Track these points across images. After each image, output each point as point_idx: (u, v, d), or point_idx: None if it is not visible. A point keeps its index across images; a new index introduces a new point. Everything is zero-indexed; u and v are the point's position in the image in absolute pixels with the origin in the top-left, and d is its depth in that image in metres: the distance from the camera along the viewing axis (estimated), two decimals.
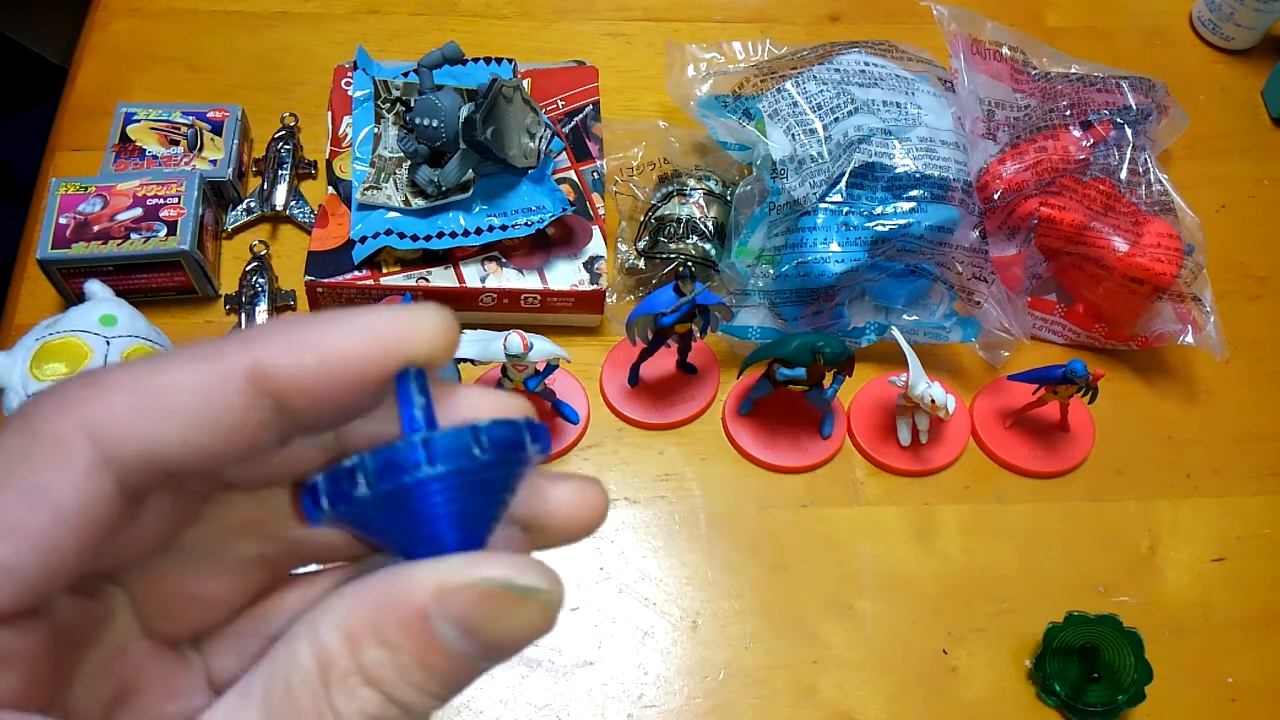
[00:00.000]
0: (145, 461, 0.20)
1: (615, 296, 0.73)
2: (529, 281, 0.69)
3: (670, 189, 0.74)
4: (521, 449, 0.21)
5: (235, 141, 0.75)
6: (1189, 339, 0.71)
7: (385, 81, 0.75)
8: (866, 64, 0.74)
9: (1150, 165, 0.75)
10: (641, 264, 0.73)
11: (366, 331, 0.21)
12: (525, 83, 0.74)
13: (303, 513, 0.21)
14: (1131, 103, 0.76)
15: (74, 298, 0.68)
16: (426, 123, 0.67)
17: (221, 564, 0.24)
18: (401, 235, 0.68)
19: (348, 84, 0.76)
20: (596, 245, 0.71)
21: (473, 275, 0.69)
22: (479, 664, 0.20)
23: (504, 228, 0.69)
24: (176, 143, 0.75)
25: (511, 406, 0.23)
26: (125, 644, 0.23)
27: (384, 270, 0.68)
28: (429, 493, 0.20)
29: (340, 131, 0.74)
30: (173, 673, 0.24)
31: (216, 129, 0.76)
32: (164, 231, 0.68)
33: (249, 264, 0.72)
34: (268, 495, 0.24)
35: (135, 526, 0.22)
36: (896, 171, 0.69)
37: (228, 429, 0.20)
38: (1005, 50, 0.80)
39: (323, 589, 0.25)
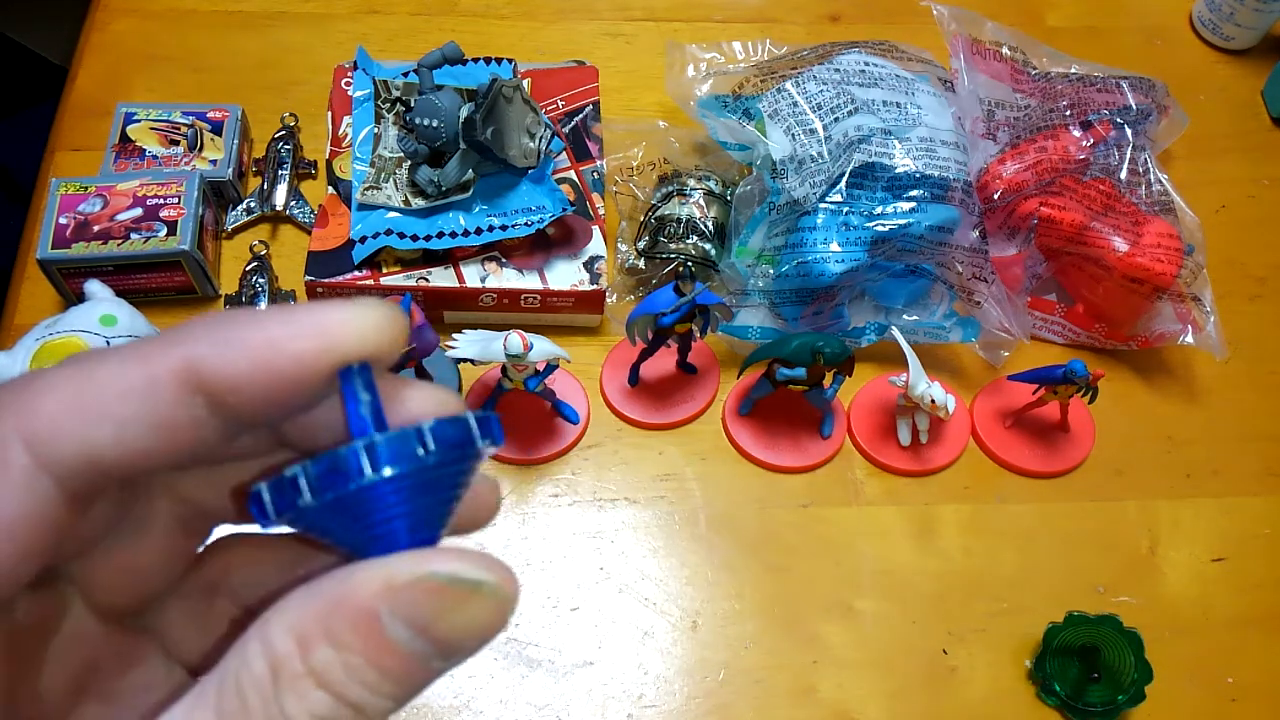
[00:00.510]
0: (83, 464, 0.20)
1: (615, 296, 0.73)
2: (529, 281, 0.69)
3: (670, 189, 0.74)
4: (470, 445, 0.21)
5: (235, 141, 0.75)
6: (1189, 339, 0.71)
7: (385, 81, 0.75)
8: (866, 64, 0.74)
9: (1150, 165, 0.75)
10: (641, 264, 0.73)
11: (303, 328, 0.21)
12: (525, 83, 0.74)
13: (250, 516, 0.21)
14: (1131, 103, 0.76)
15: (74, 298, 0.68)
16: (426, 123, 0.67)
17: (145, 533, 0.24)
18: (401, 235, 0.68)
19: (348, 84, 0.76)
20: (596, 245, 0.71)
21: (473, 275, 0.69)
22: (434, 663, 0.20)
23: (504, 228, 0.69)
24: (176, 143, 0.75)
25: (454, 403, 0.23)
26: (80, 628, 0.23)
27: (384, 270, 0.69)
28: (375, 497, 0.20)
29: (340, 131, 0.74)
30: (128, 647, 0.24)
31: (216, 129, 0.76)
32: (164, 231, 0.68)
33: (249, 264, 0.72)
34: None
35: (87, 521, 0.22)
36: (896, 171, 0.69)
37: (162, 429, 0.20)
38: (1005, 50, 0.80)
39: (257, 543, 0.26)
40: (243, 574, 0.26)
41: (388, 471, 0.20)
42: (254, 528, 0.25)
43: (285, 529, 0.21)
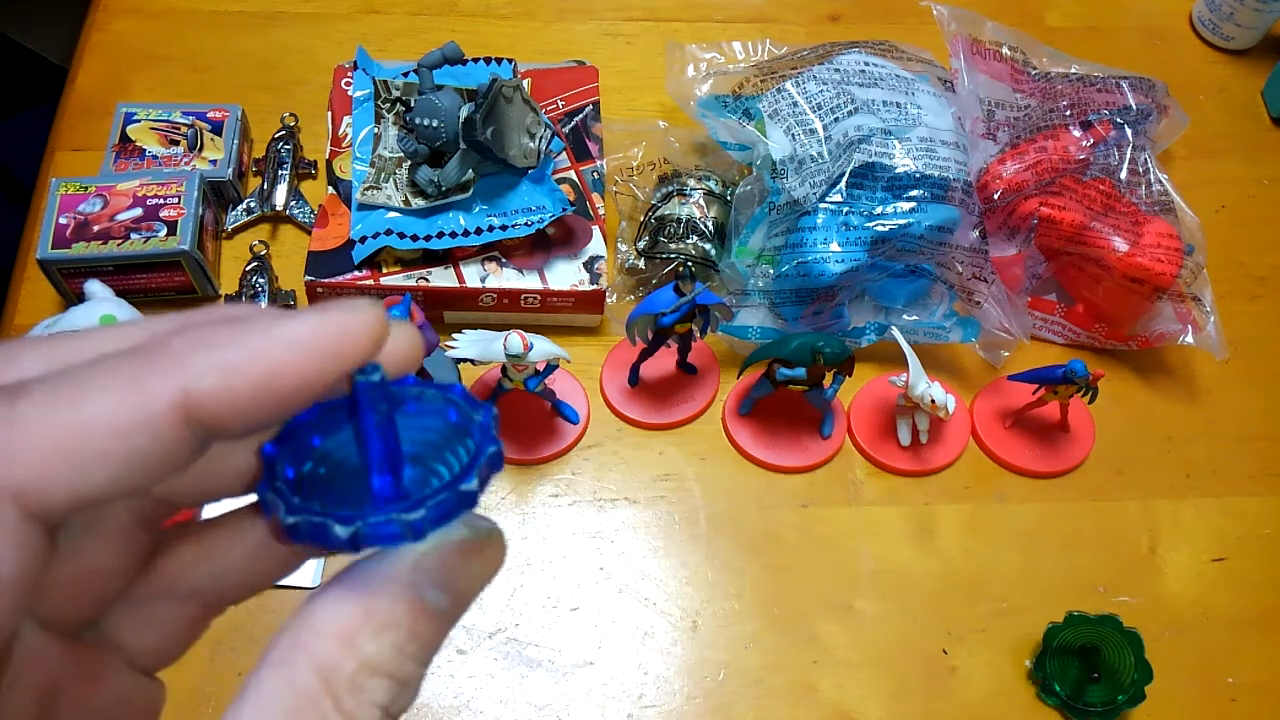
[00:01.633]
0: (75, 506, 0.19)
1: (615, 296, 0.73)
2: (529, 281, 0.69)
3: (670, 189, 0.74)
4: (499, 465, 0.21)
5: (235, 141, 0.75)
6: (1189, 339, 0.71)
7: (385, 81, 0.75)
8: (866, 64, 0.74)
9: (1150, 165, 0.75)
10: (641, 264, 0.73)
11: (301, 344, 0.20)
12: (525, 83, 0.74)
13: (284, 537, 0.21)
14: (1131, 103, 0.76)
15: (74, 298, 0.68)
16: (426, 123, 0.67)
17: (98, 534, 0.23)
18: (401, 235, 0.68)
19: (348, 84, 0.76)
20: (596, 245, 0.71)
21: (473, 275, 0.69)
22: (451, 621, 0.21)
23: (504, 228, 0.69)
24: (176, 143, 0.75)
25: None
26: (34, 648, 0.22)
27: (384, 270, 0.69)
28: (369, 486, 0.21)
29: (340, 131, 0.74)
30: (90, 663, 0.23)
31: (216, 129, 0.76)
32: (164, 231, 0.68)
33: (249, 264, 0.72)
34: None
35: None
36: (896, 171, 0.69)
37: (157, 462, 0.19)
38: (1005, 50, 0.80)
39: (216, 536, 0.25)
40: (205, 569, 0.25)
41: (429, 533, 0.20)
42: (218, 508, 0.24)
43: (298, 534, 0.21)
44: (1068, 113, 0.76)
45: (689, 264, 0.67)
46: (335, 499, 0.21)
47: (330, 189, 0.72)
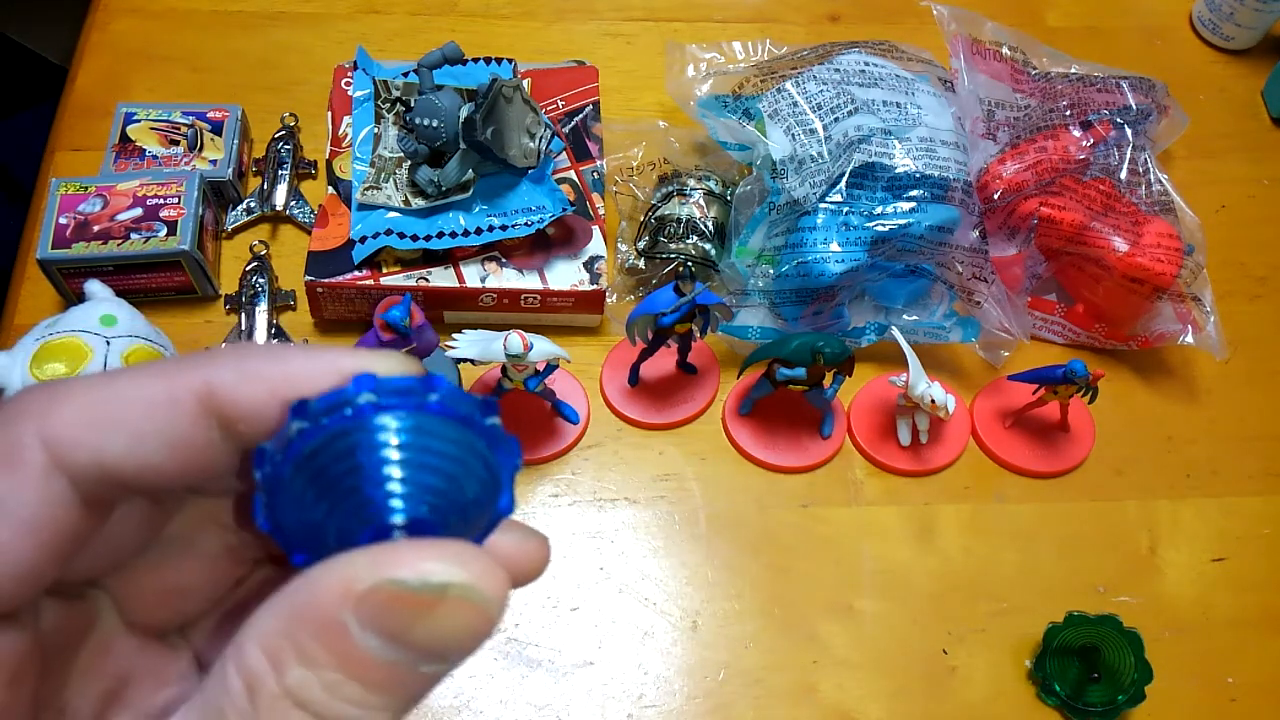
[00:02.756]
0: (97, 471, 0.20)
1: (615, 296, 0.73)
2: (529, 281, 0.69)
3: (670, 189, 0.74)
4: (473, 415, 0.20)
5: (235, 141, 0.75)
6: (1189, 339, 0.71)
7: (385, 81, 0.75)
8: (866, 64, 0.74)
9: (1150, 165, 0.75)
10: (641, 264, 0.73)
11: (322, 367, 0.21)
12: (525, 83, 0.74)
13: (255, 525, 0.20)
14: (1131, 103, 0.76)
15: (74, 298, 0.68)
16: (426, 123, 0.67)
17: (190, 557, 0.24)
18: (401, 235, 0.68)
19: (348, 84, 0.76)
20: (596, 245, 0.71)
21: (473, 275, 0.69)
22: (424, 669, 0.18)
23: (504, 228, 0.69)
24: (176, 143, 0.75)
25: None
26: (112, 641, 0.23)
27: (384, 270, 0.68)
28: (360, 439, 0.19)
29: (340, 131, 0.74)
30: (161, 663, 0.24)
31: (216, 129, 0.76)
32: (164, 231, 0.68)
33: (249, 264, 0.72)
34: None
35: (112, 534, 0.22)
36: (896, 171, 0.69)
37: (175, 446, 0.20)
38: (1005, 50, 0.80)
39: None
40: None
41: (368, 398, 0.19)
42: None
43: (304, 554, 0.20)
44: (1068, 113, 0.76)
45: (689, 264, 0.67)
46: (342, 494, 0.20)
47: (330, 189, 0.72)
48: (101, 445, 0.20)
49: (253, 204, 0.76)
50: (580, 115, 0.77)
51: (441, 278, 0.69)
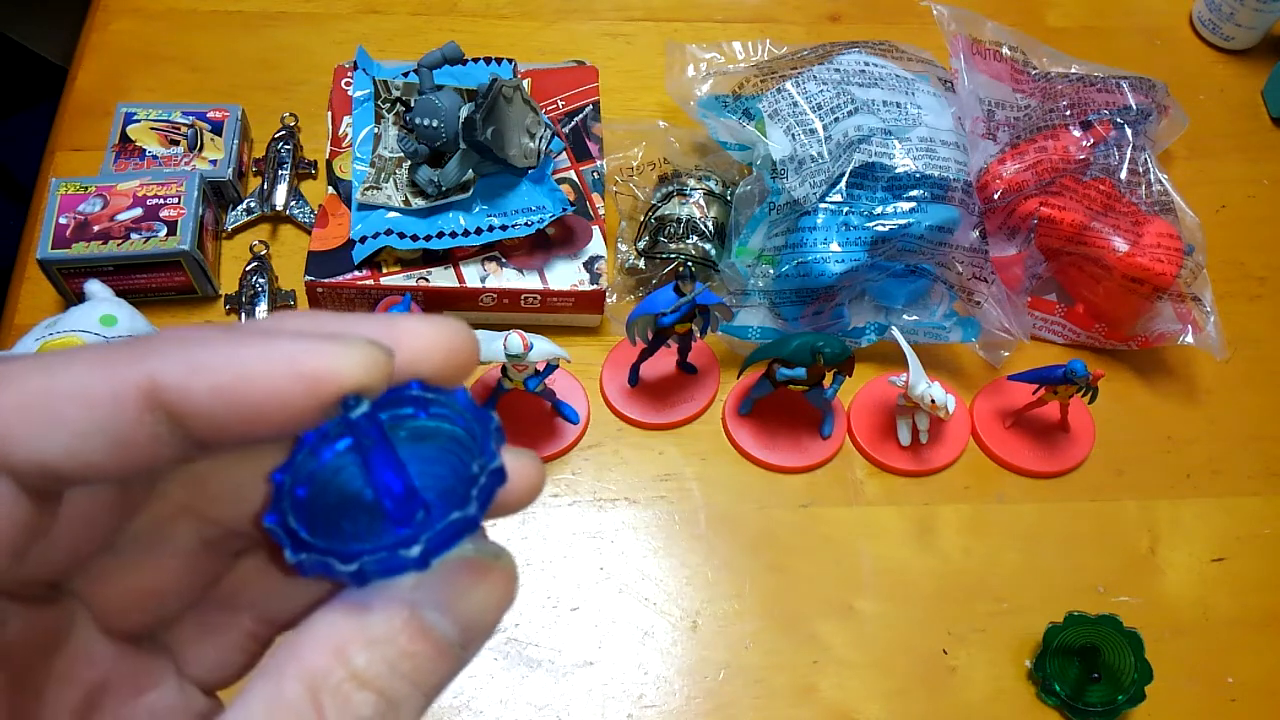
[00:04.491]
0: (34, 468, 0.19)
1: (615, 296, 0.73)
2: (529, 281, 0.69)
3: (670, 189, 0.74)
4: (502, 480, 0.20)
5: (235, 141, 0.75)
6: (1189, 339, 0.71)
7: (385, 81, 0.75)
8: (866, 64, 0.74)
9: (1150, 165, 0.75)
10: (641, 264, 0.73)
11: (278, 363, 0.19)
12: (525, 83, 0.74)
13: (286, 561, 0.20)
14: (1131, 103, 0.76)
15: (74, 298, 0.68)
16: (426, 123, 0.67)
17: (162, 554, 0.23)
18: (401, 235, 0.68)
19: (348, 84, 0.76)
20: (596, 245, 0.71)
21: (473, 275, 0.69)
22: (458, 651, 0.20)
23: (504, 228, 0.69)
24: (176, 143, 0.75)
25: (452, 336, 0.22)
26: (87, 647, 0.22)
27: (384, 270, 0.68)
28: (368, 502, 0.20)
29: (340, 131, 0.74)
30: (139, 668, 0.24)
31: (216, 129, 0.76)
32: (164, 231, 0.68)
33: (249, 264, 0.72)
34: (199, 481, 0.23)
35: (71, 529, 0.21)
36: (896, 171, 0.69)
37: (118, 444, 0.19)
38: (1005, 50, 0.80)
39: (278, 555, 0.24)
40: (264, 589, 0.25)
41: (433, 558, 0.20)
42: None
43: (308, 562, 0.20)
44: (1068, 113, 0.76)
45: (689, 264, 0.67)
46: (350, 521, 0.20)
47: (330, 189, 0.72)
48: (40, 444, 0.19)
49: (253, 204, 0.76)
50: (580, 115, 0.77)
51: (441, 278, 0.69)
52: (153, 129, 0.75)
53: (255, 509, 0.23)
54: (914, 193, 0.69)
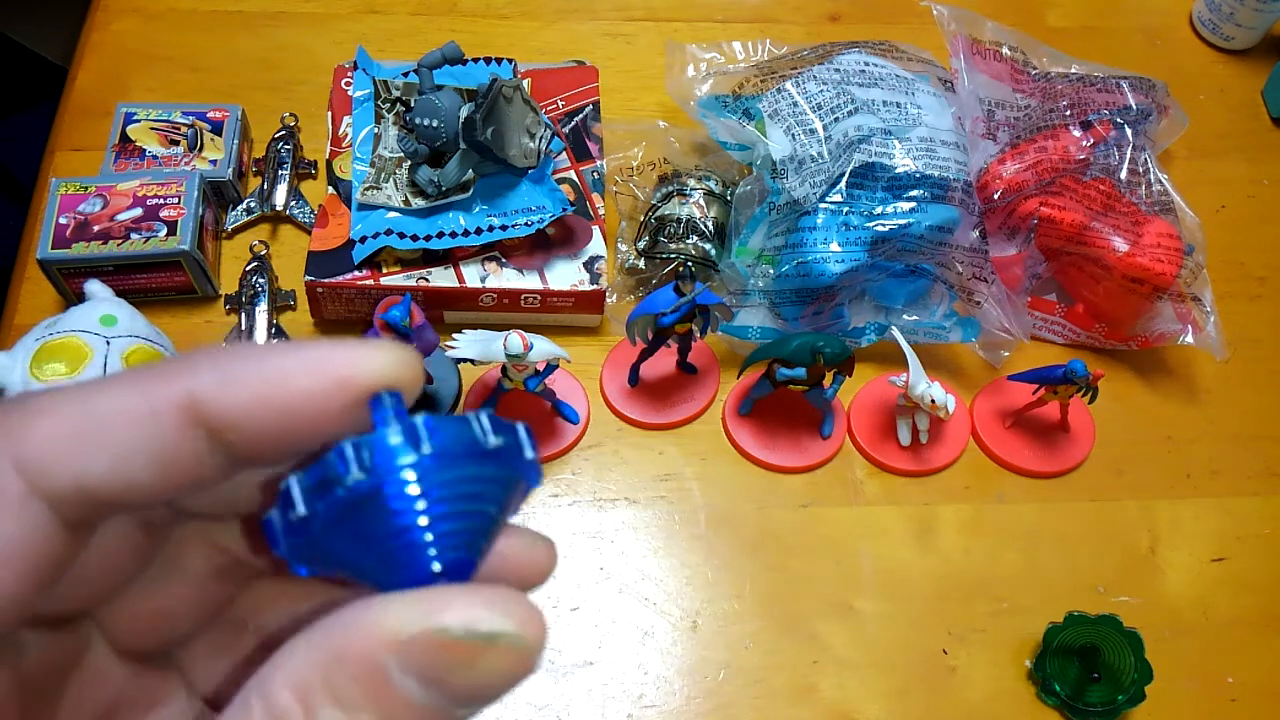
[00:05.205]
0: (77, 492, 0.19)
1: (615, 296, 0.73)
2: (529, 281, 0.69)
3: (670, 189, 0.74)
4: (478, 445, 0.19)
5: (235, 141, 0.75)
6: (1189, 339, 0.71)
7: (385, 81, 0.75)
8: (866, 64, 0.74)
9: (1150, 165, 0.75)
10: (641, 264, 0.73)
11: (311, 365, 0.20)
12: (525, 83, 0.74)
13: (270, 553, 0.20)
14: (1131, 103, 0.76)
15: (74, 298, 0.68)
16: (426, 123, 0.67)
17: (178, 580, 0.23)
18: (401, 235, 0.68)
19: (348, 84, 0.76)
20: (596, 245, 0.71)
21: (473, 275, 0.69)
22: (455, 712, 0.18)
23: (504, 228, 0.69)
24: (176, 143, 0.75)
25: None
26: (101, 668, 0.22)
27: (384, 270, 0.68)
28: (379, 507, 0.18)
29: (340, 131, 0.74)
30: (150, 687, 0.24)
31: (216, 129, 0.76)
32: (164, 231, 0.68)
33: (249, 264, 0.72)
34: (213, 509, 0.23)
35: (103, 563, 0.21)
36: (896, 171, 0.69)
37: (160, 461, 0.19)
38: (1005, 50, 0.80)
39: (290, 580, 0.25)
40: (273, 611, 0.25)
41: (386, 469, 0.18)
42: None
43: (309, 568, 0.20)
44: (1068, 113, 0.76)
45: (689, 264, 0.67)
46: (366, 528, 0.19)
47: (330, 189, 0.72)
48: (82, 466, 0.19)
49: (253, 204, 0.76)
50: (580, 115, 0.77)
51: (441, 278, 0.69)
52: (153, 129, 0.75)
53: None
54: (914, 193, 0.69)
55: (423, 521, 0.18)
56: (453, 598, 0.18)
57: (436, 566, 0.19)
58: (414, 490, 0.18)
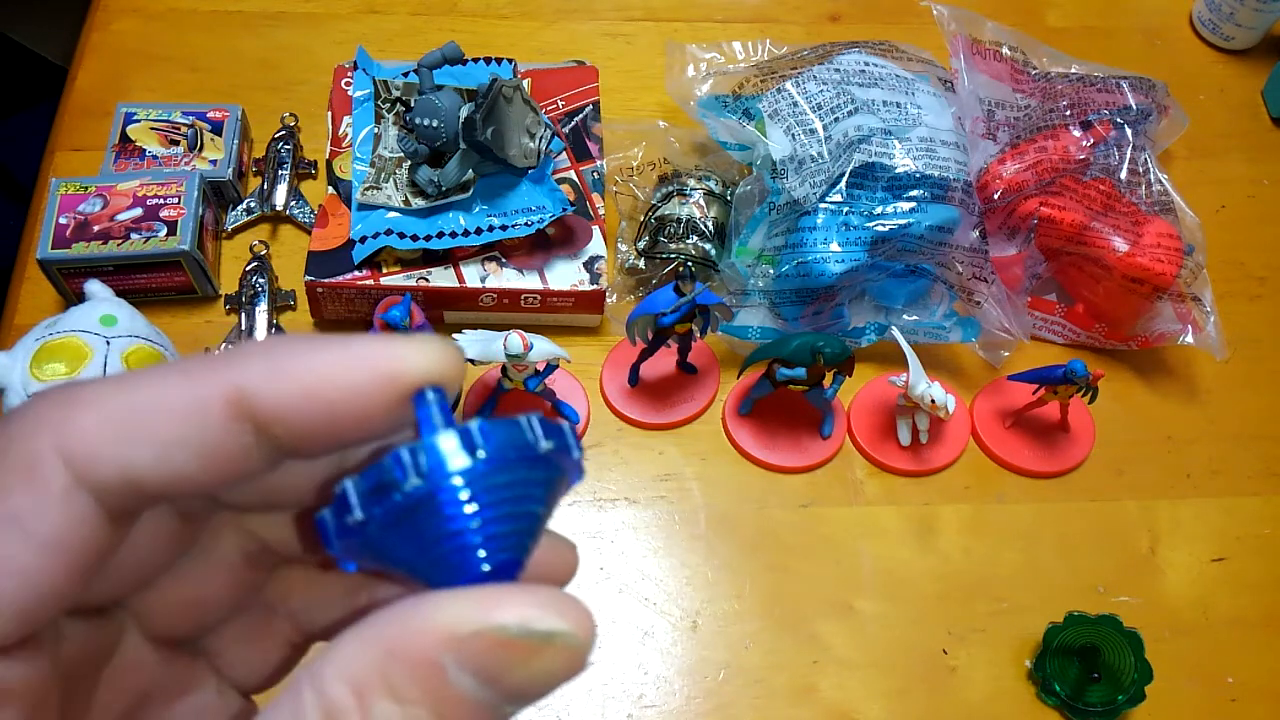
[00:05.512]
0: (123, 483, 0.19)
1: (615, 296, 0.73)
2: (529, 281, 0.69)
3: (670, 189, 0.74)
4: (529, 449, 0.19)
5: (235, 141, 0.75)
6: (1189, 339, 0.71)
7: (385, 81, 0.75)
8: (866, 64, 0.74)
9: (1150, 165, 0.75)
10: (641, 264, 0.73)
11: (359, 359, 0.20)
12: (525, 83, 0.74)
13: (324, 552, 0.20)
14: (1131, 103, 0.76)
15: (74, 298, 0.68)
16: (426, 123, 0.67)
17: (210, 567, 0.24)
18: (401, 235, 0.68)
19: (348, 84, 0.76)
20: (596, 245, 0.71)
21: (473, 275, 0.69)
22: (504, 709, 0.18)
23: (504, 228, 0.69)
24: (176, 143, 0.75)
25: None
26: (135, 655, 0.23)
27: (384, 270, 0.68)
28: (433, 511, 0.18)
29: (340, 131, 0.74)
30: (181, 673, 0.24)
31: (216, 129, 0.76)
32: (164, 231, 0.68)
33: (249, 264, 0.72)
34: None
35: (141, 552, 0.21)
36: (896, 171, 0.69)
37: (206, 454, 0.19)
38: (1005, 50, 0.80)
39: (322, 569, 0.25)
40: (304, 597, 0.25)
41: (438, 479, 0.18)
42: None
43: (358, 564, 0.20)
44: (1068, 113, 0.76)
45: (689, 264, 0.67)
46: (417, 533, 0.19)
47: (330, 189, 0.72)
48: (129, 457, 0.19)
49: (253, 204, 0.76)
50: (580, 115, 0.77)
51: (441, 278, 0.69)
52: (153, 129, 0.75)
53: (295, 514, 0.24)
54: (914, 193, 0.69)
55: (474, 525, 0.19)
56: (507, 596, 0.18)
57: (486, 568, 0.19)
58: (466, 495, 0.19)
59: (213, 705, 0.24)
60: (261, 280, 0.71)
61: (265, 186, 0.76)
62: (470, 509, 0.19)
